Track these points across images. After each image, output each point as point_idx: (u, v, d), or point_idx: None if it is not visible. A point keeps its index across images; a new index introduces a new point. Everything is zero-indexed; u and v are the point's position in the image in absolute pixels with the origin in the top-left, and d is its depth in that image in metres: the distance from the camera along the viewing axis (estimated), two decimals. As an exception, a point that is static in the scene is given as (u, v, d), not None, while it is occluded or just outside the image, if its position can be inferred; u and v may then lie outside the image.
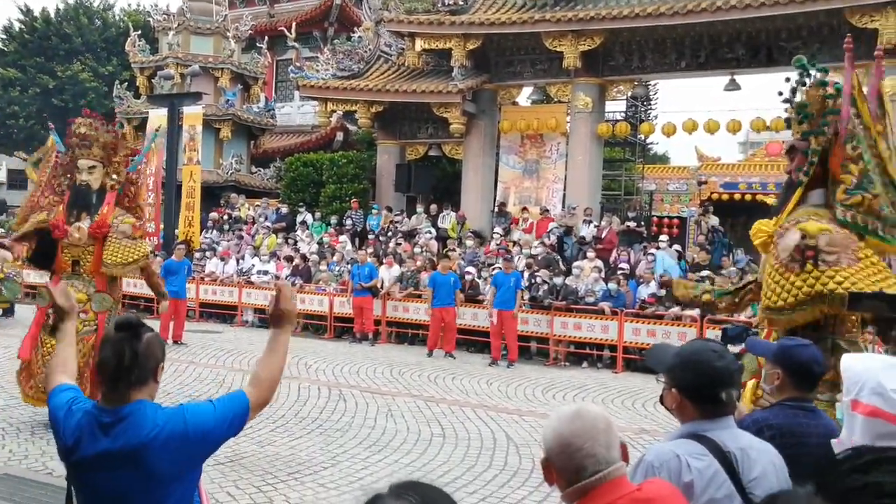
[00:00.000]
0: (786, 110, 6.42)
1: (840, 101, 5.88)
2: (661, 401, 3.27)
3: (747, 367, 5.62)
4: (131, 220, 10.12)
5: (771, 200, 27.09)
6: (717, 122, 21.48)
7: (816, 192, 6.06)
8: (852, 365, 3.24)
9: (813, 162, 6.00)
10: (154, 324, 18.45)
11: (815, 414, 3.74)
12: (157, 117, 26.07)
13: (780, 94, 6.33)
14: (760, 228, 6.29)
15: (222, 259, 22.76)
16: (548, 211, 22.47)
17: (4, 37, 42.23)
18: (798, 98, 6.21)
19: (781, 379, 3.80)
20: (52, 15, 41.51)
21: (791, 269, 5.64)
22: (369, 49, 26.18)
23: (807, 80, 6.14)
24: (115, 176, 9.98)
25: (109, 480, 3.00)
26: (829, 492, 1.19)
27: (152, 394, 3.15)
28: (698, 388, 3.09)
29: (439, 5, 23.64)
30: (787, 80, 6.30)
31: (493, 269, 17.64)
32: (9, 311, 20.29)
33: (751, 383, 5.55)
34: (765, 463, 3.02)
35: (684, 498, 2.68)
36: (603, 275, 17.91)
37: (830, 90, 5.98)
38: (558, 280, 17.47)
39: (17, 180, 55.08)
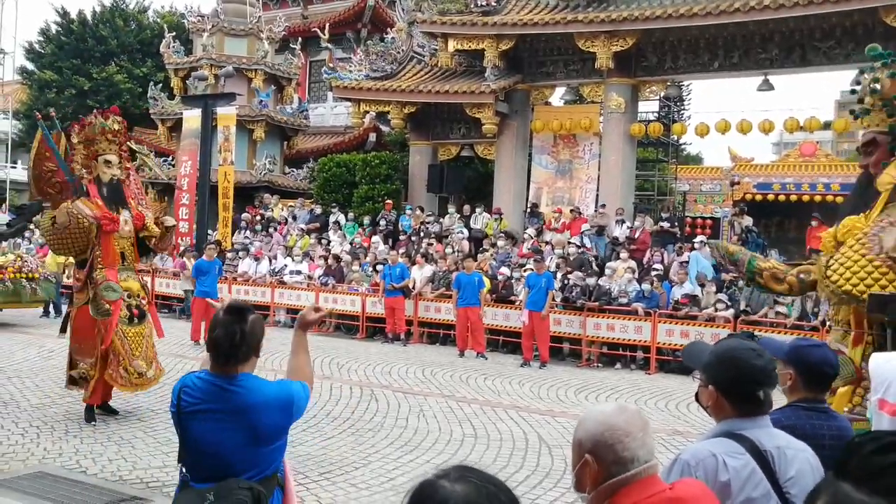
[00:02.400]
0: (859, 101, 6.16)
1: None
2: (697, 398, 3.25)
3: (841, 373, 5.07)
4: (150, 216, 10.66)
5: (806, 199, 26.92)
6: (750, 122, 21.30)
7: None
8: (880, 364, 3.21)
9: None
10: (185, 325, 18.65)
11: (827, 415, 3.68)
12: (192, 118, 26.27)
13: (858, 83, 6.10)
14: (855, 225, 5.81)
15: (256, 259, 22.86)
16: (579, 211, 22.38)
17: (41, 39, 42.63)
18: (878, 89, 5.94)
19: (793, 379, 3.75)
20: (89, 17, 41.87)
21: (888, 264, 5.34)
22: (402, 50, 26.24)
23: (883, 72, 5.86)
24: (121, 171, 10.36)
25: (215, 433, 3.49)
26: (853, 475, 1.18)
27: (254, 366, 3.69)
28: (736, 386, 3.06)
29: (472, 6, 23.64)
30: (861, 72, 6.11)
31: (526, 269, 17.63)
32: (47, 312, 20.58)
33: (843, 389, 5.35)
34: (801, 462, 2.98)
35: (716, 498, 2.66)
36: (636, 275, 17.82)
37: None
38: (591, 280, 17.42)
39: (53, 181, 55.62)
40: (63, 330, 10.43)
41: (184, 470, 3.55)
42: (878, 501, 1.12)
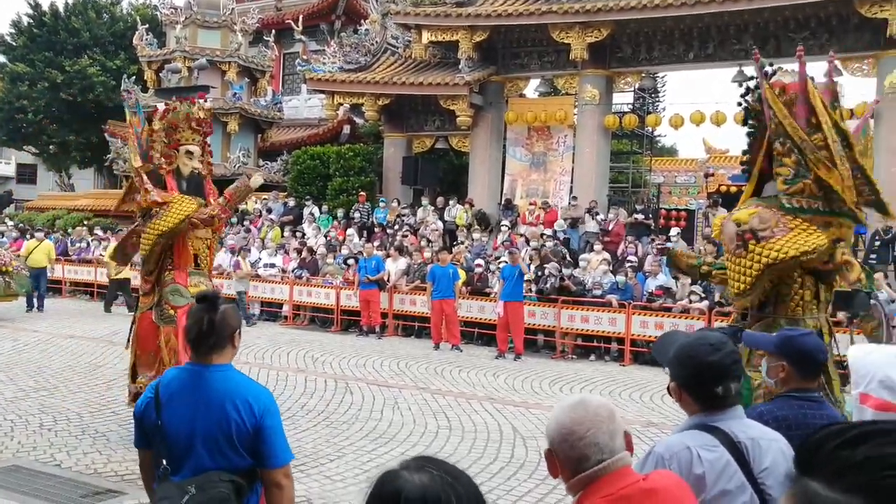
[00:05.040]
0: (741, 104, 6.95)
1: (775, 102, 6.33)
2: (669, 391, 3.25)
3: None
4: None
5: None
6: (724, 113, 21.38)
7: (770, 185, 6.52)
8: (860, 358, 3.20)
9: (752, 160, 6.68)
10: (119, 312, 18.55)
11: (819, 404, 3.69)
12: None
13: (744, 89, 6.75)
14: (716, 223, 6.74)
15: (232, 252, 22.71)
16: (548, 204, 22.40)
17: (13, 31, 42.15)
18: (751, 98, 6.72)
19: (787, 371, 3.75)
20: (61, 9, 41.48)
21: (740, 255, 6.10)
22: (376, 42, 26.17)
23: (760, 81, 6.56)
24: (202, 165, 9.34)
25: (191, 421, 3.49)
26: (821, 473, 1.16)
27: (231, 357, 3.70)
28: (694, 383, 3.07)
29: (446, -3, 23.62)
30: (746, 76, 6.73)
31: (500, 262, 17.63)
32: (31, 305, 20.47)
33: None
34: (775, 452, 2.97)
35: (690, 489, 2.65)
36: (611, 267, 17.85)
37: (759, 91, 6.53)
38: (566, 271, 17.43)
39: (25, 174, 55.31)
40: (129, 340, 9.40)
41: (164, 463, 3.53)
42: (853, 500, 1.10)
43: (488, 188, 24.47)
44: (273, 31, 34.17)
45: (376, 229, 23.20)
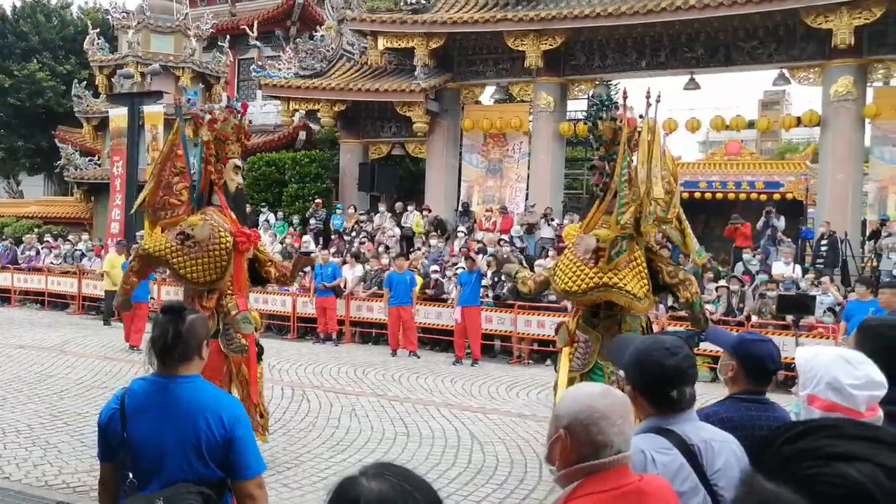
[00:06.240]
0: (590, 132, 8.68)
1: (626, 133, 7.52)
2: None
3: (560, 338, 8.13)
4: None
5: (732, 197, 27.38)
6: (676, 121, 21.61)
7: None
8: (808, 360, 3.25)
9: (606, 182, 7.92)
10: (117, 325, 18.38)
11: (766, 406, 3.75)
12: (118, 117, 25.85)
13: (587, 122, 7.95)
14: (569, 233, 8.54)
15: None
16: (505, 210, 22.53)
17: (-40, 35, 41.62)
18: (599, 127, 8.11)
19: (735, 371, 3.82)
20: (8, 12, 40.95)
21: (587, 264, 7.40)
22: (332, 48, 26.12)
23: (605, 113, 8.12)
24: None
25: (157, 434, 3.41)
26: (766, 467, 1.21)
27: (199, 368, 3.62)
28: (650, 387, 3.11)
29: (402, 4, 23.66)
30: (593, 106, 7.73)
31: (457, 268, 17.68)
32: None
33: (565, 350, 7.93)
34: (727, 454, 3.02)
35: (676, 493, 2.68)
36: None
37: (620, 124, 7.80)
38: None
39: (-25, 181, 54.38)
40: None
41: (130, 476, 3.45)
42: (783, 490, 1.15)
43: (445, 195, 24.53)
44: (228, 36, 33.92)
45: (333, 236, 23.15)
